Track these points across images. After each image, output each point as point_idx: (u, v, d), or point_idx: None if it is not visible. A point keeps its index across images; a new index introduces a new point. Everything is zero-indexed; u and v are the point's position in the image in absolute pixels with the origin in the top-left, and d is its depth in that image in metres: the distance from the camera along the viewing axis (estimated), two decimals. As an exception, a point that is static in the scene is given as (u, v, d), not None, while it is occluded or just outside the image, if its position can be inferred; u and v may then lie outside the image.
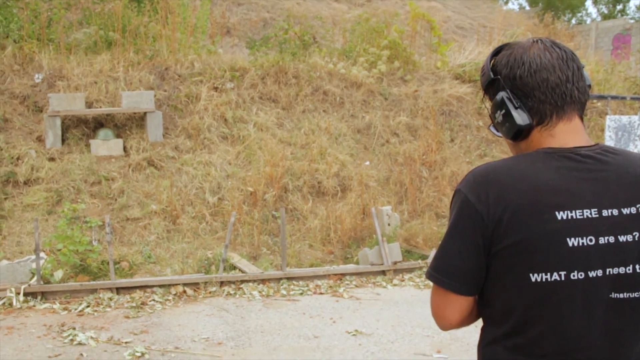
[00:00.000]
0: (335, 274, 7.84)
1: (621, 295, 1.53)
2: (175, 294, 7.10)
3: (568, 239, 1.50)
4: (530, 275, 1.51)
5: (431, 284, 1.71)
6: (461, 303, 1.63)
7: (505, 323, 1.59)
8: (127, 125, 9.81)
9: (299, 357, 5.35)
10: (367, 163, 10.17)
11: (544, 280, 1.50)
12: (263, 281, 7.52)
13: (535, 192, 1.52)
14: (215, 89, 10.45)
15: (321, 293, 7.34)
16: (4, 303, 6.69)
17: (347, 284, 7.64)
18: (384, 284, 7.71)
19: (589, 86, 1.66)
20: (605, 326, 1.53)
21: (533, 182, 1.53)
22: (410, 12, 13.34)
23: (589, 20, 26.64)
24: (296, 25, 13.26)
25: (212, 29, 13.75)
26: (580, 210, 1.51)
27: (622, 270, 1.52)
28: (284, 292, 7.29)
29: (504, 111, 1.64)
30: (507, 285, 1.56)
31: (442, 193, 9.95)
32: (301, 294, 7.28)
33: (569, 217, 1.51)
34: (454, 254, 1.60)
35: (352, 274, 7.91)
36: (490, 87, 1.70)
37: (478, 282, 1.61)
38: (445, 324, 1.68)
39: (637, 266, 1.53)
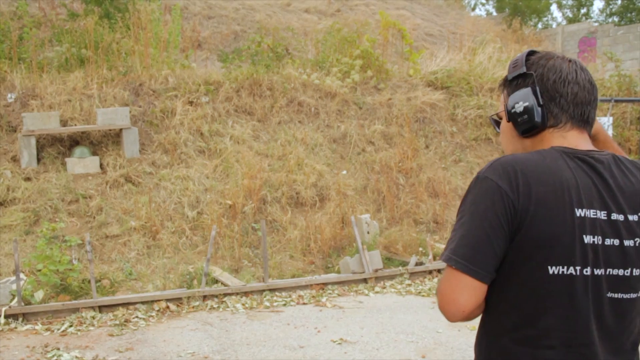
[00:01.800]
0: (318, 284, 7.89)
1: (616, 295, 1.63)
2: (158, 310, 7.08)
3: (584, 236, 1.58)
4: (549, 267, 1.57)
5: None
6: (479, 290, 1.61)
7: (515, 314, 1.63)
8: (103, 142, 9.77)
9: (286, 368, 5.39)
10: (344, 172, 10.25)
11: (560, 273, 1.57)
12: (246, 294, 7.54)
13: (560, 188, 1.59)
14: (190, 103, 10.46)
15: (304, 303, 7.38)
16: (-16, 326, 6.63)
17: (330, 293, 7.69)
18: (366, 291, 7.78)
19: None
20: (601, 322, 1.62)
21: (557, 178, 1.60)
22: (380, 21, 13.48)
23: (554, 25, 27.12)
24: (268, 37, 13.32)
25: (184, 43, 13.75)
26: (594, 211, 1.60)
27: (621, 272, 1.62)
28: (267, 303, 7.32)
29: (527, 104, 1.70)
30: (523, 275, 1.60)
31: (420, 199, 10.07)
32: (284, 304, 7.32)
33: (585, 215, 1.59)
34: (482, 241, 1.58)
35: (334, 283, 7.96)
36: (516, 79, 1.76)
37: (496, 270, 1.62)
38: (457, 313, 1.61)
39: (634, 270, 1.63)
